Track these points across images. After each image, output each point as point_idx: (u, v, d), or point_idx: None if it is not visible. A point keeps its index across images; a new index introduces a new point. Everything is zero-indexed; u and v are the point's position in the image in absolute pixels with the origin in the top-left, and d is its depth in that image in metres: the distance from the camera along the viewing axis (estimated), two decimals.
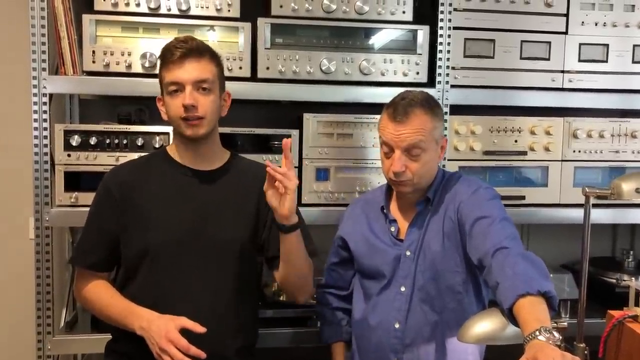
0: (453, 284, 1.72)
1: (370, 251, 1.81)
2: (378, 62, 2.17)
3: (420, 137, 1.68)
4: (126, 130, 2.10)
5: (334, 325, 1.92)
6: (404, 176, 1.69)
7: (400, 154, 1.68)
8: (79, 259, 1.78)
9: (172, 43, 1.68)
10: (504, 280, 1.40)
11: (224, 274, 1.72)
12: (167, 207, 1.71)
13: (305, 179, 2.18)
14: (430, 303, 1.73)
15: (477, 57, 2.24)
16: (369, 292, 1.82)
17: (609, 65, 2.32)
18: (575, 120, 2.32)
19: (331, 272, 1.95)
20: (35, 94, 2.02)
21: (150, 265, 1.69)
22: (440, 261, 1.72)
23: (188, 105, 1.63)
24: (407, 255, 1.75)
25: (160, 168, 1.76)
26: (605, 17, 2.30)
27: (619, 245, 2.86)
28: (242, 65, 2.11)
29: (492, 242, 1.53)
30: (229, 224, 1.73)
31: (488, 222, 1.60)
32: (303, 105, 2.21)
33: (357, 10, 2.14)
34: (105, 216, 1.73)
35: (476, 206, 1.67)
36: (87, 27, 2.03)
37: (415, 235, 1.76)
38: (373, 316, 1.78)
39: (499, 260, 1.47)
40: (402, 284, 1.75)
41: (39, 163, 2.03)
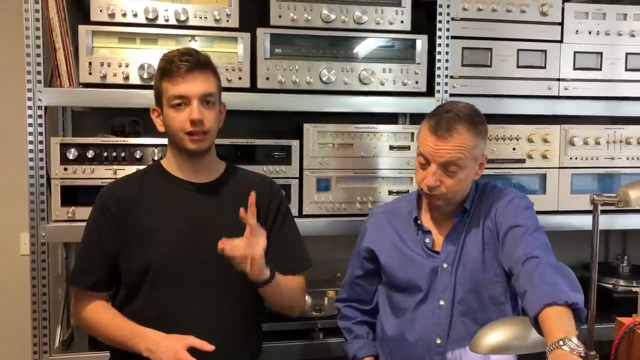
0: (495, 294, 1.70)
1: (404, 263, 1.75)
2: (377, 72, 2.17)
3: (460, 155, 1.62)
4: (124, 142, 2.06)
5: (363, 339, 1.86)
6: (437, 190, 1.66)
7: (436, 169, 1.64)
8: (78, 280, 1.71)
9: (174, 54, 1.63)
10: (531, 289, 1.40)
11: (227, 289, 1.68)
12: (166, 222, 1.67)
13: (306, 189, 2.17)
14: (472, 316, 1.69)
15: (475, 66, 2.26)
16: (401, 307, 1.76)
17: (602, 73, 2.35)
18: (571, 128, 2.34)
19: (355, 285, 1.88)
20: (30, 106, 1.97)
21: (152, 283, 1.65)
22: (481, 272, 1.69)
23: (196, 120, 1.60)
24: (445, 267, 1.71)
25: (156, 182, 1.72)
26: (599, 26, 2.33)
27: (611, 250, 2.90)
28: (241, 76, 2.09)
29: (524, 251, 1.53)
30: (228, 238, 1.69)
31: (521, 232, 1.60)
32: (303, 116, 2.19)
33: (356, 20, 2.14)
34: (104, 235, 1.68)
35: (511, 215, 1.67)
36: (83, 38, 1.99)
37: (452, 247, 1.73)
38: (411, 332, 1.72)
39: (528, 269, 1.47)
40: (440, 297, 1.70)
41: (35, 177, 1.98)
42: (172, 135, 1.66)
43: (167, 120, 1.65)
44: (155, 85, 1.68)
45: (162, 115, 1.66)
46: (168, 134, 1.68)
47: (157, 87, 1.66)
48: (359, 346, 1.85)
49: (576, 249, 2.77)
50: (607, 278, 2.49)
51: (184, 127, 1.62)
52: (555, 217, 2.35)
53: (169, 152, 1.74)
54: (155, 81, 1.67)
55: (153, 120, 1.71)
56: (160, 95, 1.65)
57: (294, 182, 2.16)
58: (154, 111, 1.70)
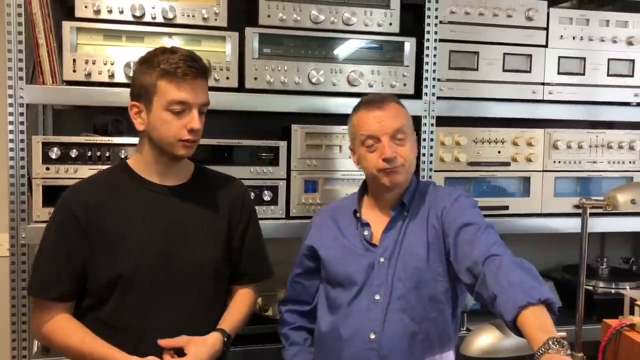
0: (436, 293, 1.70)
1: (344, 256, 1.76)
2: (366, 74, 2.17)
3: (402, 122, 1.71)
4: (108, 142, 2.02)
5: (298, 346, 1.85)
6: (396, 162, 1.68)
7: (387, 140, 1.67)
8: (44, 291, 1.58)
9: (179, 57, 1.55)
10: (501, 292, 1.38)
11: (200, 297, 1.65)
12: (137, 228, 1.60)
13: (293, 191, 2.15)
14: (410, 313, 1.68)
15: (462, 69, 2.27)
16: (337, 302, 1.76)
17: (586, 77, 2.39)
18: (555, 132, 2.38)
19: (294, 284, 1.88)
20: (11, 103, 1.91)
21: (123, 291, 1.58)
22: (424, 270, 1.69)
23: (197, 129, 1.57)
24: (382, 261, 1.71)
25: (126, 185, 1.64)
26: (582, 32, 2.37)
27: (590, 252, 2.94)
28: (229, 76, 2.07)
29: (481, 251, 1.52)
30: (202, 244, 1.66)
31: (473, 230, 1.60)
32: (291, 116, 2.18)
33: (345, 21, 2.13)
34: (72, 242, 1.58)
35: (459, 214, 1.66)
36: (67, 34, 1.94)
37: (390, 241, 1.73)
38: (345, 328, 1.72)
39: (492, 270, 1.45)
40: (376, 292, 1.70)
41: (15, 177, 1.93)
42: (159, 138, 1.58)
43: (157, 122, 1.57)
44: (144, 81, 1.56)
45: (149, 114, 1.58)
46: (151, 135, 1.59)
47: (149, 84, 1.56)
48: (294, 353, 1.84)
49: (557, 251, 2.82)
50: (587, 280, 2.50)
51: (180, 134, 1.57)
52: (538, 219, 2.38)
53: (142, 152, 1.65)
54: (146, 77, 1.56)
55: (131, 117, 1.61)
56: (151, 93, 1.56)
57: (281, 184, 2.14)
58: (133, 107, 1.60)
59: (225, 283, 1.75)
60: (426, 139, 2.24)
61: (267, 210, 2.12)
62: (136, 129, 1.63)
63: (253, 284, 1.81)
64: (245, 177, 2.09)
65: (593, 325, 2.11)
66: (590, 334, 2.04)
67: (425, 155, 2.25)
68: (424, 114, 2.23)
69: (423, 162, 2.24)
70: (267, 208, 2.12)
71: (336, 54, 2.16)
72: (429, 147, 2.25)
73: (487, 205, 2.33)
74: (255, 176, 2.11)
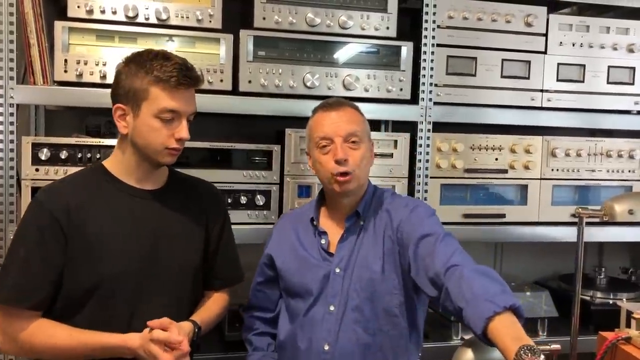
0: (390, 306, 1.68)
1: (300, 267, 1.74)
2: (362, 78, 2.14)
3: (356, 127, 1.70)
4: (99, 143, 1.99)
5: (262, 351, 1.82)
6: (347, 166, 1.66)
7: (341, 142, 1.67)
8: (20, 299, 1.48)
9: (174, 66, 1.51)
10: (466, 305, 1.33)
11: (180, 302, 1.64)
12: (117, 233, 1.55)
13: (286, 195, 2.12)
14: (363, 324, 1.67)
15: (459, 75, 2.24)
16: (295, 312, 1.74)
17: (585, 85, 2.36)
18: (554, 139, 2.35)
19: (257, 292, 1.85)
20: (2, 104, 1.89)
21: (101, 299, 1.53)
22: (379, 282, 1.67)
23: (185, 139, 1.55)
24: (337, 272, 1.70)
25: (105, 188, 1.59)
26: (582, 38, 2.34)
27: (588, 262, 2.91)
28: (222, 78, 2.04)
29: (441, 261, 1.48)
30: (183, 249, 1.64)
31: (432, 241, 1.56)
32: (285, 120, 2.15)
33: (341, 24, 2.11)
34: (51, 247, 1.50)
35: (417, 225, 1.63)
36: (59, 34, 1.92)
37: (345, 251, 1.71)
38: (301, 338, 1.71)
39: (454, 282, 1.40)
40: (330, 302, 1.68)
41: (4, 178, 1.90)
42: (144, 144, 1.54)
43: (144, 127, 1.52)
44: (134, 85, 1.51)
45: (136, 119, 1.53)
46: (135, 140, 1.54)
47: (139, 89, 1.51)
48: (257, 358, 1.82)
49: (554, 260, 2.79)
50: (584, 290, 2.49)
51: (167, 142, 1.54)
52: (535, 228, 2.35)
53: (121, 155, 1.60)
54: (136, 81, 1.51)
55: (114, 119, 1.56)
56: (140, 98, 1.51)
57: (274, 188, 2.11)
58: (118, 110, 1.55)
59: (200, 288, 1.74)
60: (422, 145, 2.21)
61: (260, 215, 2.10)
62: (119, 132, 1.59)
63: (226, 288, 1.79)
64: (238, 181, 2.07)
65: (590, 336, 2.08)
66: (586, 345, 2.01)
67: (421, 162, 2.22)
68: (421, 120, 2.21)
69: (419, 168, 2.21)
70: (260, 213, 2.10)
71: (332, 57, 2.14)
72: (425, 153, 2.22)
73: (484, 213, 2.30)
74: (248, 180, 2.08)
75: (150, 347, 1.45)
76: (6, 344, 1.53)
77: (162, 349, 1.45)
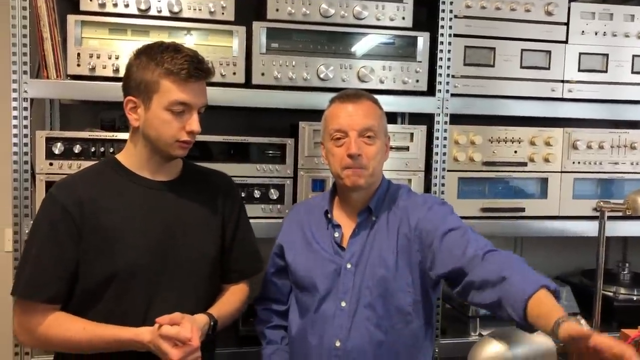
0: (403, 304, 1.65)
1: (309, 260, 1.71)
2: (377, 69, 2.10)
3: (373, 122, 1.66)
4: (112, 137, 1.99)
5: (275, 345, 1.81)
6: (360, 161, 1.63)
7: (356, 136, 1.63)
8: (34, 293, 1.49)
9: (185, 58, 1.50)
10: (512, 274, 1.37)
11: (196, 294, 1.62)
12: (132, 226, 1.55)
13: (300, 189, 2.10)
14: (376, 322, 1.64)
15: (477, 66, 2.19)
16: (305, 307, 1.72)
17: (608, 75, 2.29)
18: (575, 131, 2.28)
19: (268, 283, 1.84)
20: (16, 98, 1.89)
21: (116, 292, 1.52)
22: (391, 280, 1.64)
23: (196, 131, 1.54)
24: (348, 268, 1.67)
25: (116, 181, 1.58)
26: (605, 27, 2.27)
27: (611, 257, 2.84)
28: (235, 71, 2.02)
29: (474, 248, 1.49)
30: (199, 241, 1.63)
31: (460, 233, 1.56)
32: (299, 113, 2.12)
33: (356, 15, 2.07)
34: (65, 242, 1.50)
35: (440, 221, 1.61)
36: (72, 28, 1.91)
37: (357, 246, 1.68)
38: (312, 334, 1.68)
39: (497, 258, 1.45)
40: (342, 299, 1.65)
41: (19, 172, 1.91)
42: (155, 137, 1.53)
43: (155, 120, 1.52)
44: (145, 77, 1.50)
45: (147, 112, 1.52)
46: (147, 133, 1.54)
47: (150, 82, 1.50)
48: (271, 352, 1.80)
49: (576, 255, 2.72)
50: (607, 286, 2.42)
51: (179, 135, 1.53)
52: (556, 222, 2.29)
53: (134, 148, 1.60)
54: (148, 74, 1.50)
55: (125, 112, 1.56)
56: (152, 91, 1.51)
57: (288, 182, 2.09)
58: (129, 102, 1.55)
59: (218, 281, 1.72)
60: (439, 138, 2.17)
61: (274, 208, 2.08)
62: (130, 125, 1.58)
63: (244, 280, 1.76)
64: (251, 174, 2.05)
65: (612, 333, 2.02)
66: None
67: (438, 155, 2.17)
68: (437, 112, 2.16)
69: (436, 161, 2.17)
70: (274, 206, 2.08)
71: (346, 49, 2.10)
72: (442, 145, 2.17)
73: (503, 207, 2.25)
74: (261, 174, 2.06)
75: (159, 342, 1.44)
76: (24, 337, 1.55)
77: (172, 344, 1.44)
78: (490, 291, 1.41)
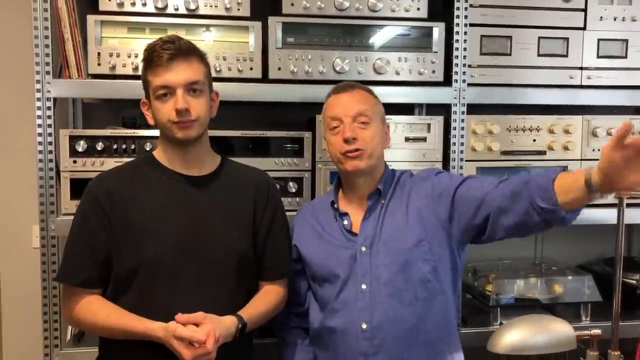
0: (424, 272, 1.67)
1: (324, 251, 1.74)
2: (393, 61, 2.11)
3: (365, 107, 1.72)
4: (133, 134, 2.03)
5: (296, 346, 1.82)
6: (356, 144, 1.67)
7: (349, 122, 1.69)
8: (68, 276, 1.61)
9: (156, 43, 1.58)
10: (533, 176, 1.52)
11: (222, 288, 1.63)
12: (159, 218, 1.60)
13: (319, 182, 2.12)
14: (398, 297, 1.66)
15: (494, 55, 2.18)
16: (325, 299, 1.74)
17: (628, 61, 2.26)
18: (594, 118, 2.26)
19: None
20: (39, 98, 1.94)
21: (143, 282, 1.58)
22: (408, 252, 1.67)
23: (181, 109, 1.55)
24: (363, 251, 1.69)
25: (148, 175, 1.65)
26: (624, 12, 2.24)
27: (635, 245, 2.81)
28: (252, 66, 2.04)
29: (490, 183, 1.62)
30: (225, 234, 1.65)
31: (472, 179, 1.70)
32: (316, 107, 2.13)
33: (371, 7, 2.08)
34: (95, 229, 1.59)
35: (446, 183, 1.71)
36: (92, 28, 1.95)
37: (369, 229, 1.71)
38: (336, 321, 1.70)
39: (508, 183, 1.58)
40: (362, 281, 1.67)
41: (44, 170, 1.96)
42: (160, 126, 1.62)
43: (154, 111, 1.61)
44: (142, 77, 1.63)
45: (151, 107, 1.62)
46: (158, 126, 1.63)
47: (143, 80, 1.62)
48: (291, 353, 1.81)
49: (598, 243, 2.70)
50: (630, 274, 2.40)
51: (170, 117, 1.57)
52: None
53: (160, 144, 1.69)
54: (142, 73, 1.62)
55: (144, 114, 1.67)
56: (147, 87, 1.61)
57: (306, 175, 2.11)
58: (143, 104, 1.66)
59: (250, 277, 1.72)
60: (457, 128, 2.17)
61: (293, 202, 2.10)
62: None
63: (279, 280, 1.77)
64: (269, 168, 2.07)
65: (635, 321, 2.01)
66: (632, 330, 1.95)
67: (456, 145, 2.17)
68: (454, 102, 2.16)
69: (454, 151, 2.17)
70: (293, 200, 2.10)
71: (362, 41, 2.11)
72: (459, 136, 2.17)
73: None
74: (280, 168, 2.09)
75: (171, 341, 1.47)
76: (65, 316, 1.70)
77: (187, 344, 1.47)
78: (520, 200, 1.50)
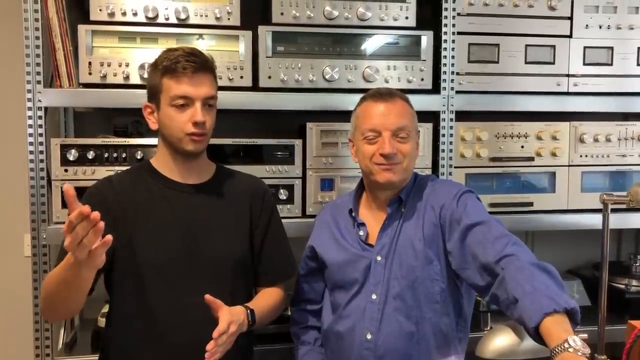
0: (432, 292, 1.64)
1: (341, 258, 1.73)
2: (382, 69, 2.13)
3: (406, 122, 1.67)
4: (125, 143, 2.04)
5: (309, 345, 1.83)
6: (395, 159, 1.64)
7: (389, 136, 1.64)
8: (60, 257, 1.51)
9: (180, 54, 1.59)
10: (523, 296, 1.32)
11: (219, 293, 1.61)
12: (157, 225, 1.62)
13: (309, 189, 2.13)
14: (405, 313, 1.64)
15: (482, 62, 2.21)
16: (337, 303, 1.74)
17: (613, 68, 2.30)
18: (581, 125, 2.29)
19: (300, 284, 1.86)
20: (30, 107, 1.95)
21: (140, 289, 1.60)
22: (420, 268, 1.64)
23: (200, 122, 1.58)
24: (378, 260, 1.68)
25: (147, 183, 1.67)
26: (610, 20, 2.27)
27: (623, 249, 2.83)
28: (242, 75, 2.06)
29: (496, 250, 1.46)
30: (223, 242, 1.67)
31: (483, 229, 1.53)
32: (306, 115, 2.16)
33: (360, 16, 2.10)
34: None
35: (463, 214, 1.59)
36: (83, 37, 1.96)
37: (387, 239, 1.69)
38: (343, 327, 1.70)
39: (512, 271, 1.39)
40: (372, 291, 1.67)
41: (35, 179, 1.97)
42: (168, 134, 1.62)
43: (165, 119, 1.61)
44: (152, 81, 1.63)
45: (159, 112, 1.63)
46: (163, 133, 1.64)
47: (155, 84, 1.61)
48: (304, 352, 1.82)
49: (587, 248, 2.72)
50: (619, 278, 2.43)
51: (185, 128, 1.59)
52: (565, 216, 2.30)
53: (160, 151, 1.70)
54: (154, 77, 1.62)
55: (145, 117, 1.67)
56: (158, 92, 1.61)
57: (297, 182, 2.12)
58: (147, 108, 1.67)
59: (248, 282, 1.74)
60: (445, 135, 2.19)
61: (284, 209, 2.11)
62: (150, 129, 1.68)
63: (278, 284, 1.79)
64: (260, 176, 2.06)
65: (623, 325, 2.02)
66: (619, 334, 1.96)
67: (445, 152, 2.19)
68: (443, 109, 2.18)
69: (442, 158, 2.19)
70: (284, 207, 2.11)
71: (351, 50, 2.13)
72: (448, 142, 2.19)
73: (511, 202, 2.27)
74: (270, 175, 2.10)
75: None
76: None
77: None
78: (505, 308, 1.40)
